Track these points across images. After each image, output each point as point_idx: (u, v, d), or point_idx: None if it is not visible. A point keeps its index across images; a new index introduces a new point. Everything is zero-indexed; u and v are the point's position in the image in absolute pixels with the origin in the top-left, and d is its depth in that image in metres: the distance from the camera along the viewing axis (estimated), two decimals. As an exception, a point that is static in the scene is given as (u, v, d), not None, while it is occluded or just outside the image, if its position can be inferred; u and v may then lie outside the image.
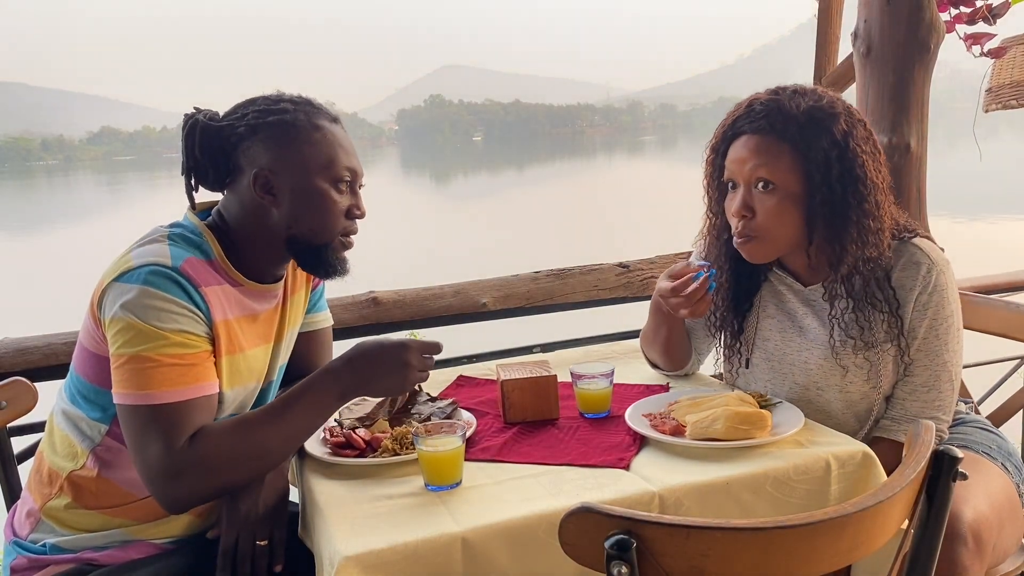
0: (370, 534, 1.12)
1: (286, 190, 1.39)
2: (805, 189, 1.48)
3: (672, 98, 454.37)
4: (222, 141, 1.39)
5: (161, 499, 1.26)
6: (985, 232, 15.07)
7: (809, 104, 1.49)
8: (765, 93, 1.54)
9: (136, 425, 1.25)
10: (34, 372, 1.84)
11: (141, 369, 1.24)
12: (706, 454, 1.33)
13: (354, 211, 1.45)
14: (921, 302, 1.52)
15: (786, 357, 1.63)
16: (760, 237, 1.52)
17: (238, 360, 1.41)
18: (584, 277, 2.42)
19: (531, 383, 1.53)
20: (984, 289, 2.45)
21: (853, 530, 0.89)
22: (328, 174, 1.40)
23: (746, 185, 1.51)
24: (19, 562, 1.40)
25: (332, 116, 1.46)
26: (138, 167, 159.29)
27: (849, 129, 1.49)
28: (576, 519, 0.84)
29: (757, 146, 1.49)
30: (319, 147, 1.40)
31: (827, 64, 2.83)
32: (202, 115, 1.41)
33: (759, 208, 1.50)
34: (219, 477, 1.26)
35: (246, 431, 1.28)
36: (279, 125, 1.38)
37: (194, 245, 1.38)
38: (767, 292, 1.68)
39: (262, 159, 1.38)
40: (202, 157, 1.39)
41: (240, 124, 1.39)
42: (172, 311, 1.27)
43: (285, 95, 1.44)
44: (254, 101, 1.43)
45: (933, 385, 1.54)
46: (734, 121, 1.54)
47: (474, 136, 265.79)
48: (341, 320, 2.12)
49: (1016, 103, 2.48)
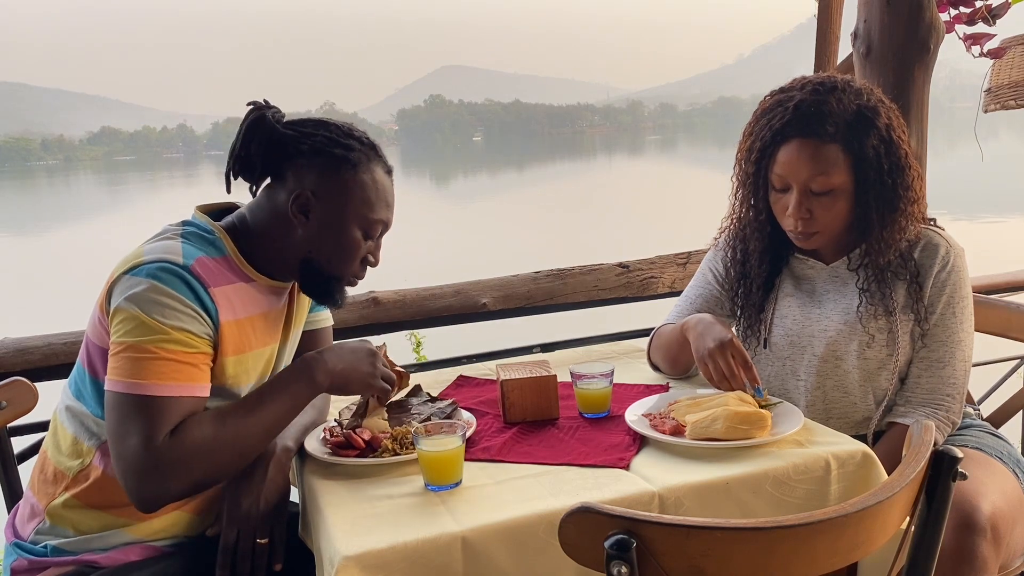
0: (370, 534, 1.12)
1: (319, 219, 1.40)
2: (857, 185, 1.54)
3: (672, 98, 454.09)
4: (281, 148, 1.40)
5: (134, 494, 1.24)
6: (985, 232, 15.07)
7: (855, 103, 1.53)
8: (807, 92, 1.56)
9: (121, 412, 1.24)
10: (34, 372, 1.84)
11: (137, 358, 1.24)
12: (706, 454, 1.34)
13: (369, 259, 1.48)
14: (940, 279, 1.58)
15: (805, 330, 1.66)
16: (819, 232, 1.58)
17: (246, 359, 1.41)
18: (584, 277, 2.42)
19: (531, 383, 1.53)
20: (984, 289, 2.45)
21: (853, 530, 0.89)
22: (363, 221, 1.42)
23: (802, 190, 1.55)
24: (19, 563, 1.40)
25: (388, 167, 1.48)
26: (138, 167, 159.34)
27: (889, 120, 1.55)
28: (576, 519, 0.84)
29: (813, 154, 1.52)
30: (366, 193, 1.41)
31: (827, 64, 2.82)
32: (270, 112, 1.40)
33: (817, 210, 1.55)
34: (195, 473, 1.25)
35: (223, 423, 1.28)
36: (340, 159, 1.40)
37: (207, 243, 1.38)
38: (786, 276, 1.72)
39: (310, 182, 1.39)
40: (255, 153, 1.39)
41: (306, 141, 1.40)
42: (177, 308, 1.27)
43: (356, 131, 1.45)
44: (327, 125, 1.43)
45: (948, 361, 1.58)
46: (783, 125, 1.55)
47: (474, 136, 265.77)
48: (341, 320, 2.12)
49: (1015, 103, 2.48)
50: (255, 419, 1.30)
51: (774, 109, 1.58)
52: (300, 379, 1.36)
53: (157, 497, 1.24)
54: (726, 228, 1.76)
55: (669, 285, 2.48)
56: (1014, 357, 2.48)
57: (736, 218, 1.72)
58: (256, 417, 1.31)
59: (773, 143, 1.57)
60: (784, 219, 1.60)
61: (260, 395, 1.33)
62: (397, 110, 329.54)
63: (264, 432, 1.33)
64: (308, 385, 1.36)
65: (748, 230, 1.70)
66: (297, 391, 1.35)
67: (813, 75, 1.62)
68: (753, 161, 1.61)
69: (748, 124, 1.65)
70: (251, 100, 1.42)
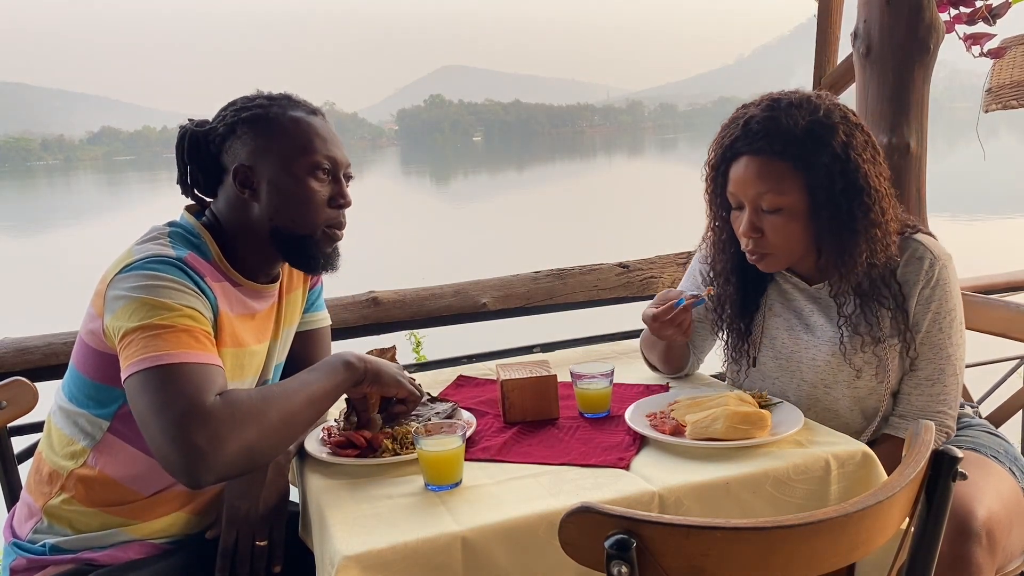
0: (370, 534, 1.12)
1: (263, 183, 1.39)
2: (811, 205, 1.49)
3: (672, 98, 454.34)
4: (207, 145, 1.42)
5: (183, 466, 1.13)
6: (985, 232, 15.06)
7: (807, 119, 1.48)
8: (760, 109, 1.52)
9: (156, 387, 1.16)
10: (34, 372, 1.84)
11: (155, 335, 1.20)
12: (706, 454, 1.33)
13: (338, 199, 1.44)
14: (924, 296, 1.53)
15: (794, 355, 1.64)
16: (772, 253, 1.54)
17: (241, 354, 1.41)
18: (584, 277, 2.42)
19: (531, 383, 1.53)
20: (984, 289, 2.46)
21: (853, 530, 0.89)
22: (304, 163, 1.40)
23: (752, 207, 1.51)
24: (18, 563, 1.40)
25: (311, 108, 1.46)
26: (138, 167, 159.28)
27: (848, 139, 1.48)
28: (576, 519, 0.84)
29: (759, 171, 1.48)
30: (293, 137, 1.40)
31: (827, 64, 2.82)
32: (192, 124, 1.44)
33: (767, 228, 1.51)
34: (249, 434, 1.16)
35: (268, 393, 1.24)
36: (254, 120, 1.40)
37: (192, 245, 1.38)
38: (773, 292, 1.69)
39: (241, 155, 1.40)
40: (191, 163, 1.42)
41: (220, 125, 1.41)
42: (180, 289, 1.26)
43: (263, 92, 1.46)
44: (233, 102, 1.44)
45: (938, 379, 1.55)
46: (732, 142, 1.53)
47: (474, 136, 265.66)
48: (342, 320, 2.12)
49: (1016, 103, 2.48)
50: (300, 393, 1.26)
51: (729, 126, 1.55)
52: (336, 361, 1.34)
53: (208, 463, 1.13)
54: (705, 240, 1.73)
55: (669, 285, 2.48)
56: (1014, 357, 2.48)
57: (713, 238, 1.68)
58: (301, 392, 1.27)
59: (724, 160, 1.54)
60: (739, 237, 1.56)
61: (299, 376, 1.31)
62: (397, 110, 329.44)
63: (309, 406, 1.27)
64: (346, 367, 1.34)
65: (714, 250, 1.67)
66: (336, 371, 1.33)
67: (779, 91, 1.56)
68: (711, 179, 1.59)
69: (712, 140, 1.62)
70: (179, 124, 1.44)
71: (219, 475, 1.16)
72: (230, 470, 1.17)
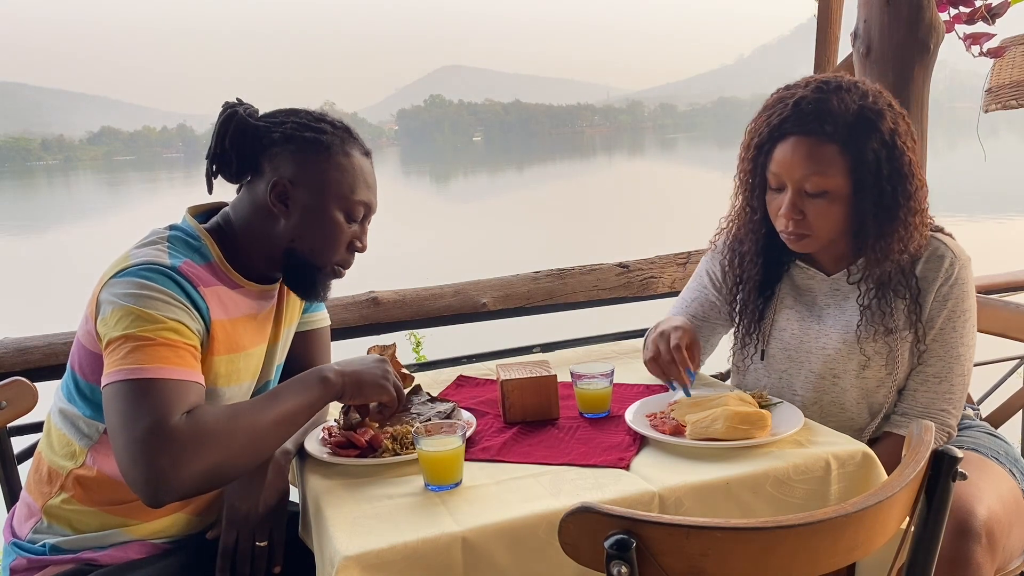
0: (370, 534, 1.12)
1: (299, 206, 1.39)
2: (855, 189, 1.50)
3: (672, 98, 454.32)
4: (255, 140, 1.40)
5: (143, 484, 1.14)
6: (985, 232, 15.06)
7: (858, 103, 1.49)
8: (809, 90, 1.52)
9: (127, 400, 1.18)
10: (34, 372, 1.84)
11: (135, 347, 1.21)
12: (706, 454, 1.33)
13: (356, 244, 1.46)
14: (942, 293, 1.55)
15: (803, 344, 1.64)
16: (811, 235, 1.55)
17: (237, 359, 1.41)
18: (584, 277, 2.42)
19: (531, 383, 1.53)
20: (984, 289, 2.45)
21: (853, 530, 0.89)
22: (344, 203, 1.41)
23: (796, 189, 1.51)
24: (19, 563, 1.40)
25: (365, 149, 1.47)
26: (138, 167, 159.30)
27: (895, 126, 1.50)
28: (576, 519, 0.84)
29: (808, 152, 1.49)
30: (344, 174, 1.40)
31: (827, 64, 2.82)
32: (242, 108, 1.41)
33: (809, 210, 1.52)
34: (211, 456, 1.17)
35: (237, 412, 1.24)
36: (313, 142, 1.39)
37: (192, 249, 1.38)
38: (787, 285, 1.70)
39: (286, 169, 1.39)
40: (230, 148, 1.39)
41: (277, 130, 1.40)
42: (168, 301, 1.27)
43: (328, 116, 1.45)
44: (296, 112, 1.43)
45: (945, 376, 1.56)
46: (781, 122, 1.52)
47: (474, 136, 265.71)
48: (341, 320, 2.12)
49: (1016, 103, 2.48)
50: (270, 412, 1.26)
51: (775, 105, 1.55)
52: (312, 377, 1.34)
53: (170, 484, 1.14)
54: (723, 230, 1.74)
55: (669, 285, 2.48)
56: (1014, 357, 2.48)
57: (733, 218, 1.70)
58: (271, 411, 1.27)
59: (771, 140, 1.54)
60: (777, 219, 1.57)
61: (274, 393, 1.31)
62: (397, 110, 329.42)
63: (278, 426, 1.28)
64: (322, 383, 1.33)
65: (743, 230, 1.67)
66: (310, 388, 1.32)
67: (822, 74, 1.58)
68: (751, 158, 1.58)
69: (751, 121, 1.62)
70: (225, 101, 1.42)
71: (179, 495, 1.17)
72: (191, 491, 1.19)
